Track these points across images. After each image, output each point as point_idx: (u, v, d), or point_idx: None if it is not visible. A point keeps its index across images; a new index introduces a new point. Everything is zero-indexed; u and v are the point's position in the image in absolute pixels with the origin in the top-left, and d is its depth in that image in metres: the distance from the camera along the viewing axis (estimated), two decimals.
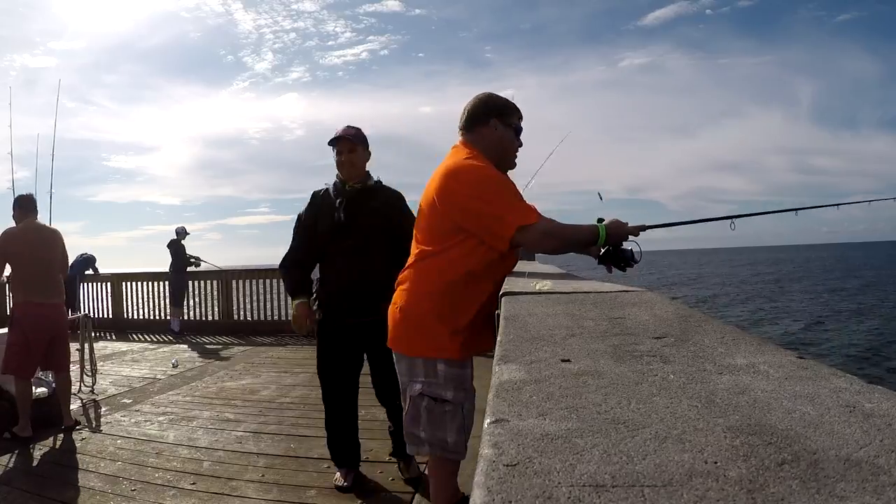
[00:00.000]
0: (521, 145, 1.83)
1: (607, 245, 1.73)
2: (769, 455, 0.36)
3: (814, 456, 0.35)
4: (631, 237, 1.71)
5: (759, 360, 0.60)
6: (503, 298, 1.25)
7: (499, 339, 0.80)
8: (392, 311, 1.66)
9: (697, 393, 0.50)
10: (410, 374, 1.60)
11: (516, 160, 1.81)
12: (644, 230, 1.70)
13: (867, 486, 0.31)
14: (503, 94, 1.86)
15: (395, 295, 1.67)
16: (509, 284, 1.46)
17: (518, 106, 1.86)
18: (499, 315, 1.15)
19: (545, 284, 1.33)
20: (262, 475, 2.38)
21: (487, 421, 0.43)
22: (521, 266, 1.91)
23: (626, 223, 1.71)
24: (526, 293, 1.28)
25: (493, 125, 1.74)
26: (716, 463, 0.34)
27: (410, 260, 1.67)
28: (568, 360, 0.63)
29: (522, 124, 1.84)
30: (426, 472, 2.44)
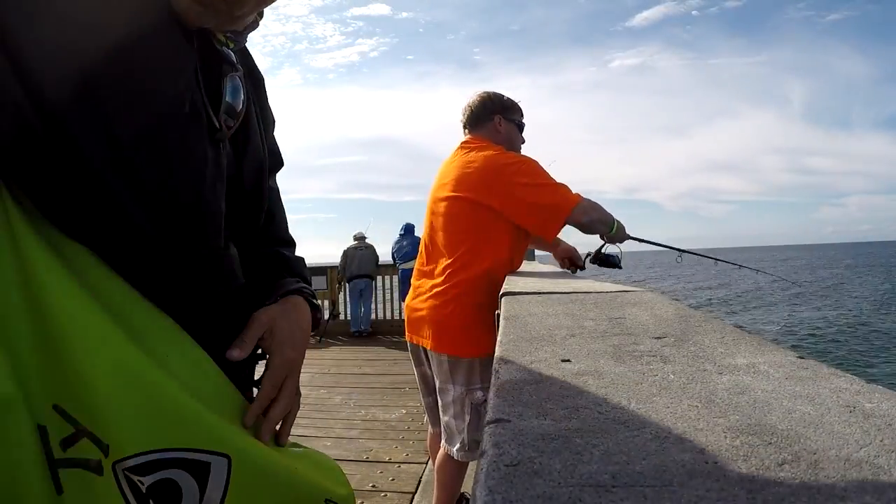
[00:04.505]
0: (523, 142, 1.88)
1: (610, 240, 1.90)
2: (769, 455, 0.36)
3: (814, 456, 0.35)
4: (616, 244, 1.93)
5: (759, 360, 0.61)
6: (503, 298, 1.25)
7: (499, 338, 0.79)
8: (437, 314, 1.64)
9: (697, 393, 0.50)
10: (468, 381, 1.59)
11: None
12: (629, 238, 1.92)
13: (867, 486, 0.31)
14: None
15: (434, 297, 1.65)
16: (509, 284, 1.46)
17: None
18: (499, 315, 1.15)
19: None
20: None
21: (488, 421, 0.43)
22: (522, 266, 1.93)
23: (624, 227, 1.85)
24: (526, 293, 1.28)
25: (498, 121, 1.78)
26: (716, 463, 0.35)
27: (445, 260, 1.67)
28: (568, 360, 0.63)
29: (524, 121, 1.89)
30: (425, 473, 2.44)
